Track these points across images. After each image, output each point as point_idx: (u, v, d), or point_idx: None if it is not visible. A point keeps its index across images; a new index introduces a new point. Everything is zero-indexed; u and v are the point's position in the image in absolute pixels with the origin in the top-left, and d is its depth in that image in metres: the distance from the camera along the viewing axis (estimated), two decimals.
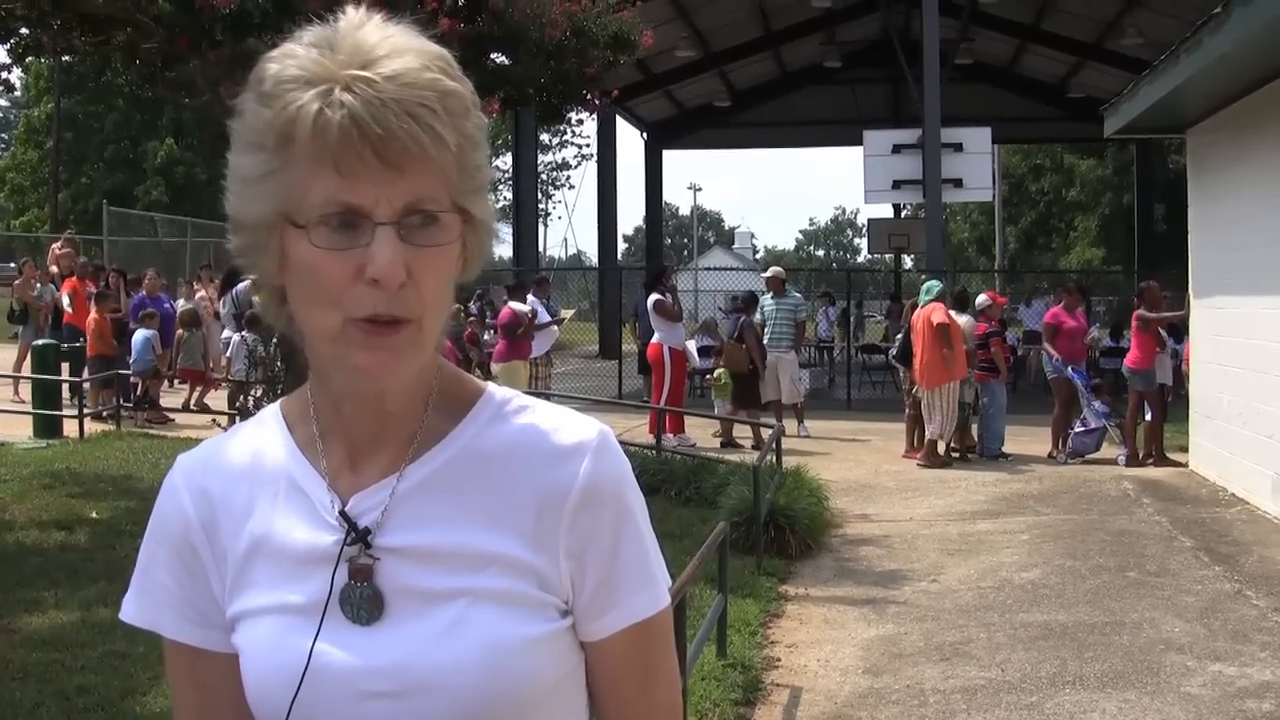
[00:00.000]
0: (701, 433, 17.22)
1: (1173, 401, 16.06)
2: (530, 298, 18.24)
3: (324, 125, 1.30)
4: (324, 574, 1.44)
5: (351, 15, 1.37)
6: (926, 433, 15.44)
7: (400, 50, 1.34)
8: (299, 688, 1.41)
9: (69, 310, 19.78)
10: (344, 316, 1.34)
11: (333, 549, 1.44)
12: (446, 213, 1.36)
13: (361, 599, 1.42)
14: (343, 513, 1.45)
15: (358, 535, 1.43)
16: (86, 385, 17.70)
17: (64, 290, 19.69)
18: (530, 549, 1.44)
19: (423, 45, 1.37)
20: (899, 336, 17.04)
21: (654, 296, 17.35)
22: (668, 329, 17.16)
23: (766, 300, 17.66)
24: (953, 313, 15.52)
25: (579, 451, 1.47)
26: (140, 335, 18.23)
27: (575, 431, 1.49)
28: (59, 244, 22.17)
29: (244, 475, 1.51)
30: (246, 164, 1.38)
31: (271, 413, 1.57)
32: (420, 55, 1.35)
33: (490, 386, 1.54)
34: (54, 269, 22.72)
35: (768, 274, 18.58)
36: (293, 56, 1.35)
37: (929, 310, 15.28)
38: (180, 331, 18.97)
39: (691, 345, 17.31)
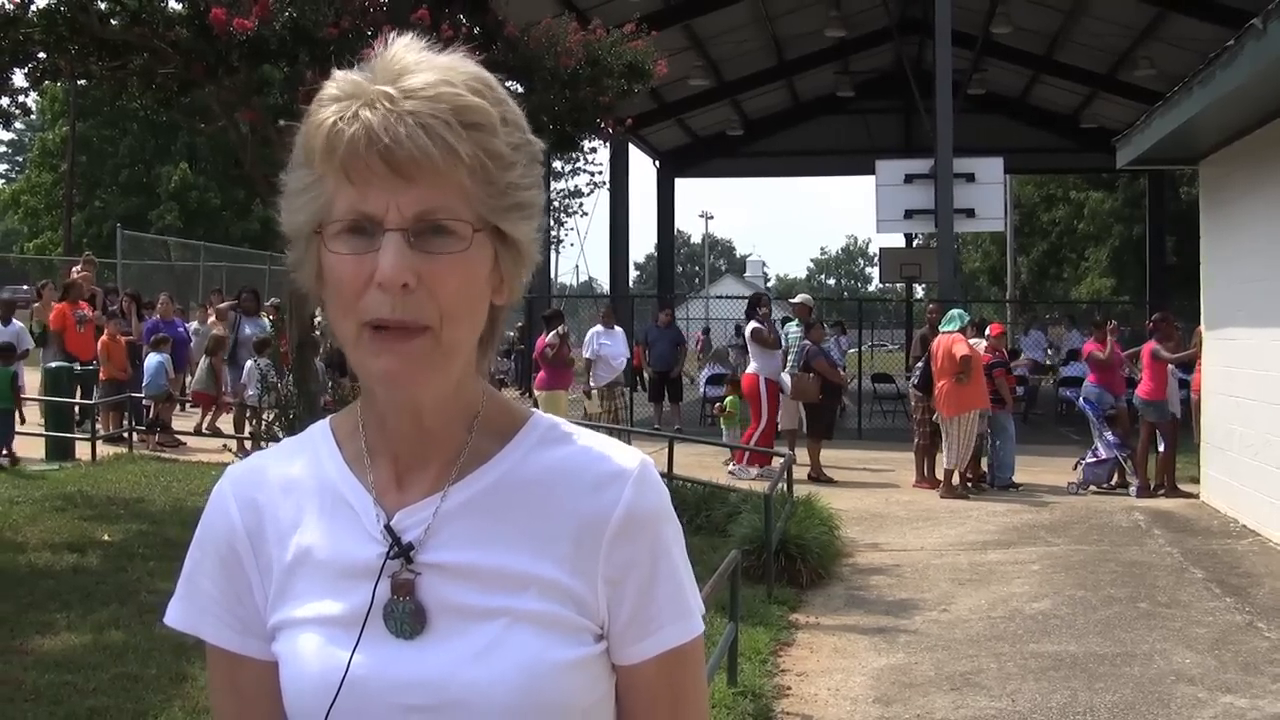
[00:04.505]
0: (713, 460, 17.15)
1: (1182, 432, 16.04)
2: (599, 327, 18.38)
3: (337, 136, 1.36)
4: (366, 587, 1.46)
5: (398, 41, 1.43)
6: (944, 463, 15.45)
7: (428, 68, 1.39)
8: (335, 697, 1.44)
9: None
10: (359, 322, 1.39)
11: (376, 563, 1.47)
12: (459, 222, 1.38)
13: (405, 613, 1.45)
14: (388, 527, 1.48)
15: (401, 550, 1.46)
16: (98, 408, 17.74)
17: (52, 318, 19.42)
18: (569, 573, 1.47)
19: (455, 64, 1.41)
20: (919, 365, 17.02)
21: (752, 325, 17.02)
22: (765, 358, 16.87)
23: (791, 328, 17.49)
24: (971, 340, 15.57)
25: (620, 480, 1.50)
26: (153, 359, 18.28)
27: (617, 460, 1.52)
28: (79, 266, 22.15)
29: (292, 488, 1.55)
30: (291, 180, 1.44)
31: (321, 428, 1.60)
32: (446, 72, 1.39)
33: (536, 413, 1.58)
34: None
35: (795, 300, 18.31)
36: (337, 80, 1.41)
37: (950, 340, 15.25)
38: (204, 357, 19.00)
39: (786, 377, 16.92)
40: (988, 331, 17.20)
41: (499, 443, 1.53)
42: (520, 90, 12.07)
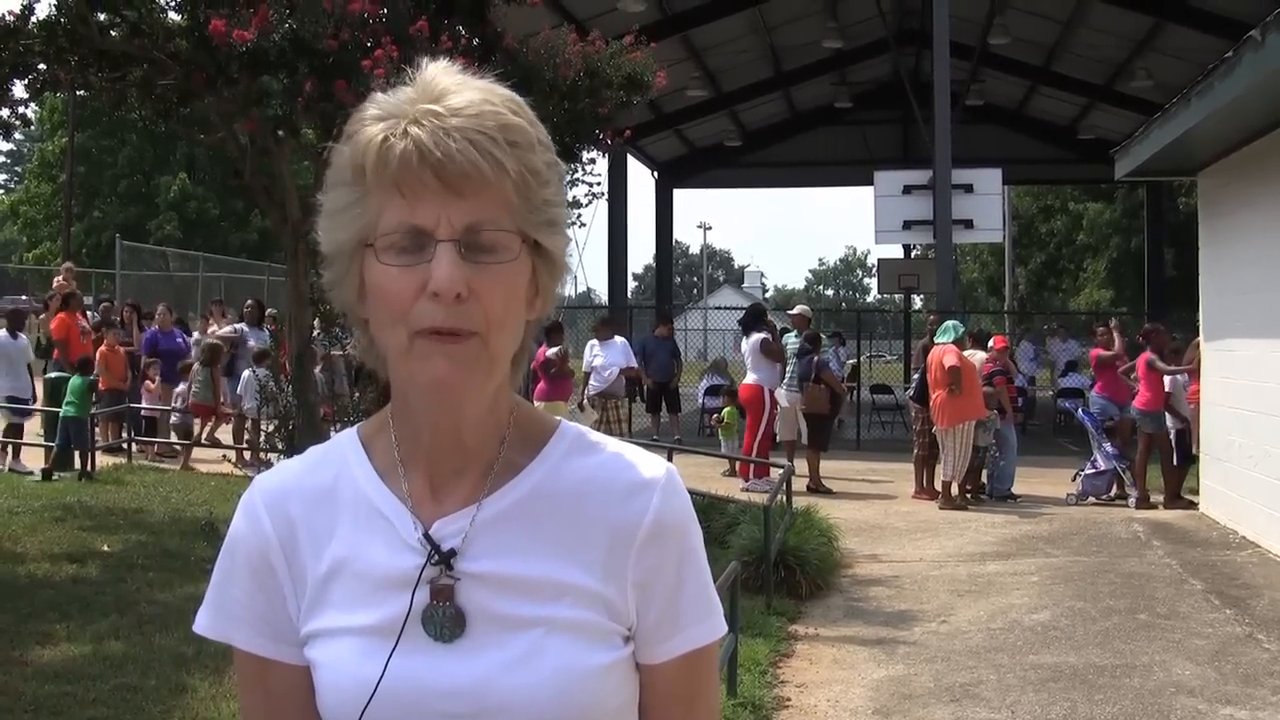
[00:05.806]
0: (711, 471, 17.15)
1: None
2: (593, 339, 18.40)
3: (388, 152, 1.41)
4: (404, 595, 1.50)
5: (430, 65, 1.49)
6: (941, 474, 15.46)
7: (469, 88, 1.45)
8: (370, 700, 1.47)
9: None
10: (410, 332, 1.42)
11: (413, 572, 1.50)
12: (507, 233, 1.43)
13: (445, 617, 1.49)
14: (427, 535, 1.51)
15: (441, 557, 1.50)
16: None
17: (54, 327, 19.38)
18: (601, 580, 1.52)
19: (492, 86, 1.48)
20: (916, 375, 17.04)
21: (759, 336, 16.93)
22: (769, 370, 16.86)
23: (790, 338, 17.49)
24: (968, 352, 15.56)
25: (649, 489, 1.56)
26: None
27: (644, 469, 1.58)
28: (60, 276, 22.13)
29: (325, 499, 1.58)
30: (331, 199, 1.49)
31: (349, 439, 1.63)
32: (486, 93, 1.46)
33: (563, 422, 1.63)
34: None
35: (794, 311, 18.27)
36: (376, 101, 1.47)
37: (941, 351, 15.30)
38: (195, 366, 18.94)
39: (782, 392, 16.95)
40: (990, 344, 17.20)
41: (530, 453, 1.57)
42: None
